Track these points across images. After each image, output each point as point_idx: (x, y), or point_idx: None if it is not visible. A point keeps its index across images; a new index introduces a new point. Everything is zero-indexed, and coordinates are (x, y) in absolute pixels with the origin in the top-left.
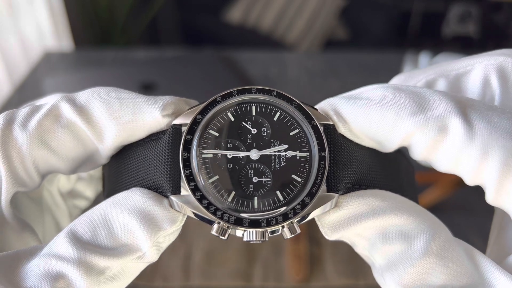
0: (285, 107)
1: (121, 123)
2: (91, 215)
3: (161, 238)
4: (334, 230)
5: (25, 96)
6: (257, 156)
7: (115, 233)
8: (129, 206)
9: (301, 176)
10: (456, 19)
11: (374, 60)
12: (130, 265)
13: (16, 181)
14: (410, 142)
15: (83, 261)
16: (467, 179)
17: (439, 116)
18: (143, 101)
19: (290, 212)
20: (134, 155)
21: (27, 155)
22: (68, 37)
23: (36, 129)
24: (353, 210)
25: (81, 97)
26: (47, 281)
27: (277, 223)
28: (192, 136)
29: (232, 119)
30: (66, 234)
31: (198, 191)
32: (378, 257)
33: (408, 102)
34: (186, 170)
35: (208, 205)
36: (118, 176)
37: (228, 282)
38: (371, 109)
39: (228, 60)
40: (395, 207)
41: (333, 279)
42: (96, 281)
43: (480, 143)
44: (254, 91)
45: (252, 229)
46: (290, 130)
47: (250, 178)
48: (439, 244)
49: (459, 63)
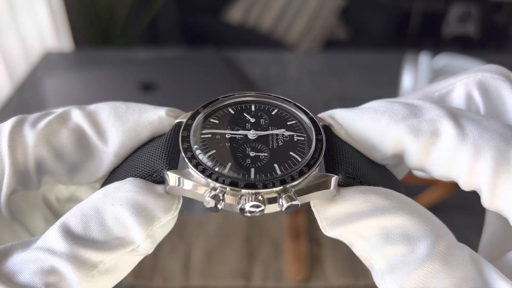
0: (283, 106)
1: (126, 123)
2: (82, 207)
3: (156, 229)
4: (333, 225)
5: (25, 96)
6: (255, 135)
7: (107, 226)
8: (121, 197)
9: (300, 154)
10: (456, 19)
11: (374, 60)
12: (124, 258)
13: (17, 177)
14: (403, 147)
15: (75, 256)
16: (462, 182)
17: (431, 120)
18: (150, 106)
19: (287, 177)
20: (134, 154)
21: (31, 152)
22: (68, 37)
23: (43, 129)
24: (355, 206)
25: (92, 106)
26: (39, 275)
27: (273, 185)
28: (192, 121)
29: (233, 113)
30: (58, 227)
31: (194, 159)
32: (378, 259)
33: (401, 109)
34: (185, 144)
35: (203, 170)
36: (117, 175)
37: (228, 282)
38: (366, 114)
39: (228, 60)
40: (398, 207)
41: (333, 279)
42: (89, 275)
43: (472, 143)
44: (253, 95)
45: (248, 190)
46: (288, 121)
47: (248, 153)
48: (443, 248)
49: (441, 84)
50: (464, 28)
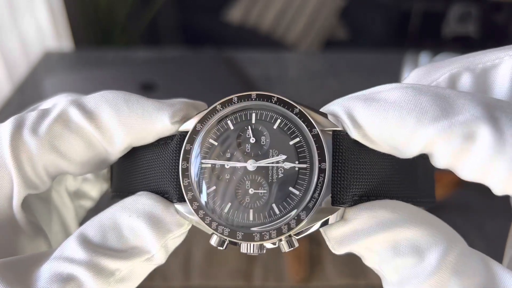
0: (286, 113)
1: (130, 129)
2: (100, 218)
3: (169, 240)
4: (341, 245)
5: (25, 96)
6: (253, 167)
7: (124, 236)
8: (138, 210)
9: (299, 189)
10: (456, 19)
11: (374, 60)
12: (139, 267)
13: (27, 185)
14: (432, 150)
15: (93, 264)
16: (496, 189)
17: (465, 122)
18: (152, 107)
19: (284, 227)
20: (143, 157)
21: (38, 160)
22: (68, 37)
23: (46, 134)
24: (361, 224)
25: (90, 102)
26: (58, 283)
27: (270, 237)
28: (191, 146)
29: (232, 128)
30: (77, 237)
31: (195, 202)
32: (389, 271)
33: (430, 105)
34: (185, 180)
35: (204, 216)
36: (127, 175)
37: (228, 282)
38: (390, 113)
39: (228, 60)
40: (406, 219)
41: (333, 279)
42: (106, 283)
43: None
44: (254, 98)
45: (246, 242)
46: (290, 139)
47: (247, 189)
48: (453, 257)
49: (487, 56)
50: (464, 28)
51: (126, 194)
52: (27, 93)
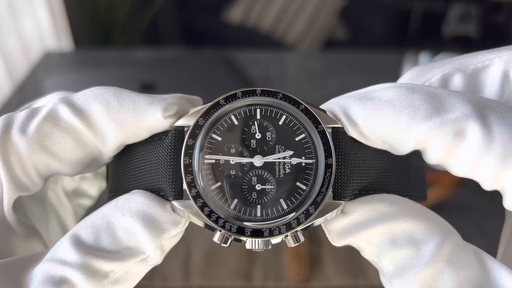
0: (292, 110)
1: (122, 126)
2: (93, 218)
3: (165, 240)
4: (341, 237)
5: (25, 96)
6: (260, 163)
7: (118, 237)
8: (132, 209)
9: (306, 184)
10: (456, 19)
11: (374, 60)
12: (134, 268)
13: (18, 186)
14: (424, 146)
15: (86, 266)
16: (485, 184)
17: (456, 120)
18: (144, 101)
19: (293, 221)
20: (136, 155)
21: (27, 161)
22: (68, 37)
23: (35, 133)
24: (360, 217)
25: (80, 99)
26: (50, 286)
27: (280, 232)
28: (194, 141)
29: (236, 123)
30: (69, 238)
31: (199, 199)
32: (386, 262)
33: (422, 104)
34: (188, 177)
35: (210, 213)
36: (121, 174)
37: (228, 282)
38: (384, 111)
39: (228, 60)
40: (403, 212)
41: (333, 279)
42: (100, 285)
43: (500, 148)
44: (259, 93)
45: (254, 238)
46: (296, 135)
47: (253, 185)
48: (448, 249)
49: (478, 57)
50: (464, 28)
51: (120, 194)
52: (27, 93)
